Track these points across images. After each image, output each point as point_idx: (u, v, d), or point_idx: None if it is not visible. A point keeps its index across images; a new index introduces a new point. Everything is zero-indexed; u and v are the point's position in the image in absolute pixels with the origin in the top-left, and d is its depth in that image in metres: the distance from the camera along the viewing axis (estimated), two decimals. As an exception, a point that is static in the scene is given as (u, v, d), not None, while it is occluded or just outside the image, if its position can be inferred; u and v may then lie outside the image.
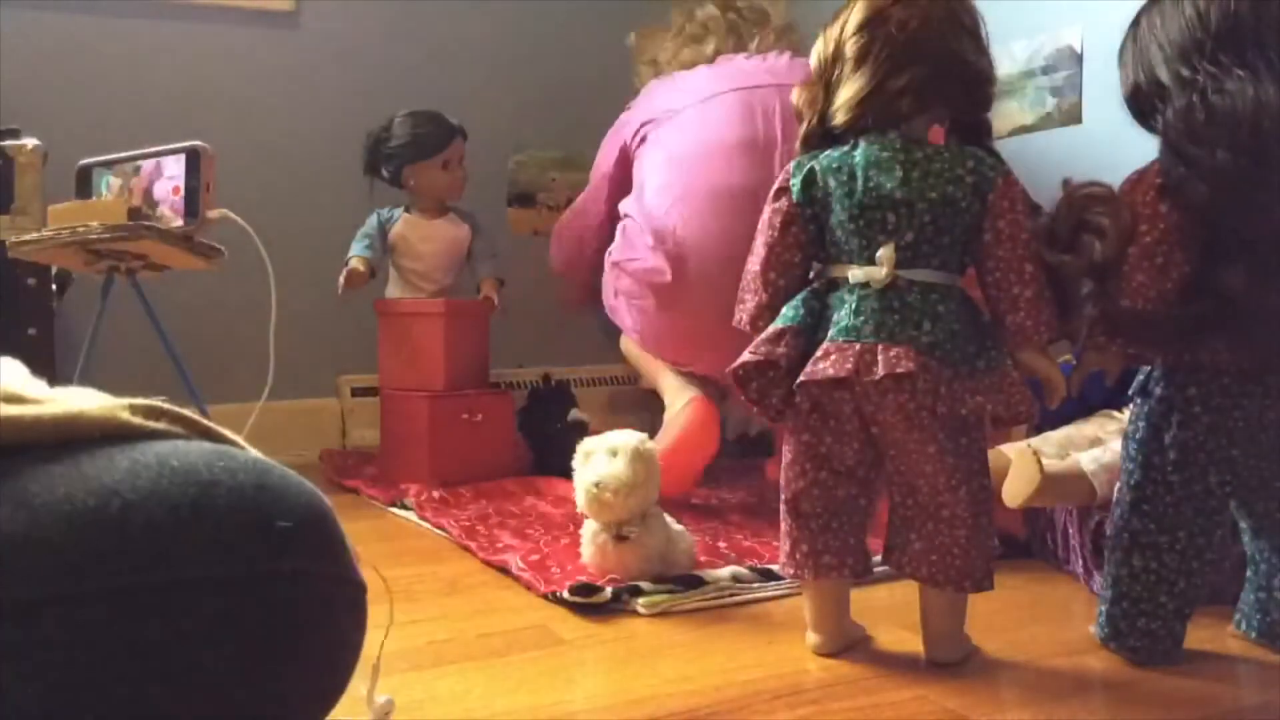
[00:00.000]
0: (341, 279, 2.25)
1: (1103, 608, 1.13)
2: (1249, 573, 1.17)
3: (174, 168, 1.69)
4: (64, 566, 0.51)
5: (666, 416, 1.91)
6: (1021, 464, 1.33)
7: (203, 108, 2.44)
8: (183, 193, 1.65)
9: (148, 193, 1.69)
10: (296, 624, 0.57)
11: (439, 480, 2.03)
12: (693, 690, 1.03)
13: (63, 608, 0.50)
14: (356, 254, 2.30)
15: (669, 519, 1.43)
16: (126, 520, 0.53)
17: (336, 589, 0.60)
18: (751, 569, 1.39)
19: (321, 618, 0.59)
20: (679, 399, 1.90)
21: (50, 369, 1.92)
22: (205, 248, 1.64)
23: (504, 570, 1.46)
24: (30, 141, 1.84)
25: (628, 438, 1.39)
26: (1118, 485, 1.15)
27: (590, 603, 1.28)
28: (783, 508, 1.14)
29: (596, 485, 1.34)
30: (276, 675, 0.56)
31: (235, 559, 0.55)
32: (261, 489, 0.58)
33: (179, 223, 1.66)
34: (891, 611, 1.23)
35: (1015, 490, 1.33)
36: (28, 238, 1.60)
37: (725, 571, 1.38)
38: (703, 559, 1.46)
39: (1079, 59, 2.03)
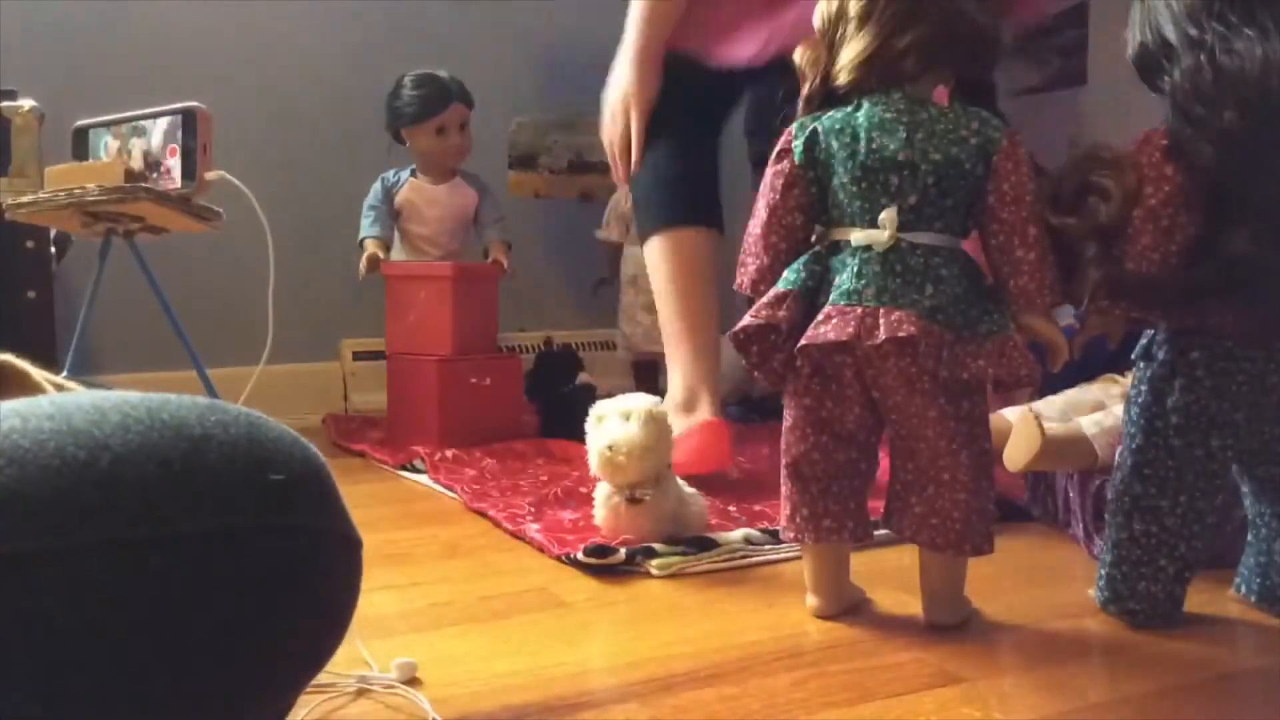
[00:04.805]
0: (362, 266, 2.24)
1: (1102, 571, 1.13)
2: (1250, 536, 1.17)
3: (171, 129, 1.67)
4: (54, 522, 0.51)
5: (677, 418, 1.68)
6: (1023, 428, 1.33)
7: (200, 68, 2.42)
8: (179, 154, 1.64)
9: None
10: (289, 579, 0.57)
11: (448, 444, 2.04)
12: (693, 652, 1.04)
13: (53, 563, 0.50)
14: (370, 236, 2.29)
15: (681, 481, 1.44)
16: (117, 475, 0.52)
17: (330, 543, 0.60)
18: (763, 531, 1.40)
19: (315, 573, 0.59)
20: (696, 413, 1.72)
21: (50, 332, 1.91)
22: (203, 210, 1.63)
23: (517, 536, 1.46)
24: (27, 103, 1.82)
25: (640, 401, 1.39)
26: (1119, 449, 1.15)
27: (604, 564, 1.29)
28: (783, 471, 1.14)
29: (610, 448, 1.34)
30: (269, 631, 0.56)
31: (227, 513, 0.54)
32: (254, 443, 0.57)
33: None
34: (891, 574, 1.24)
35: (1016, 454, 1.33)
36: (24, 199, 1.59)
37: (737, 534, 1.39)
38: (714, 521, 1.46)
39: (1085, 18, 2.01)
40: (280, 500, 0.57)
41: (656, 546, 1.33)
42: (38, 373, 0.63)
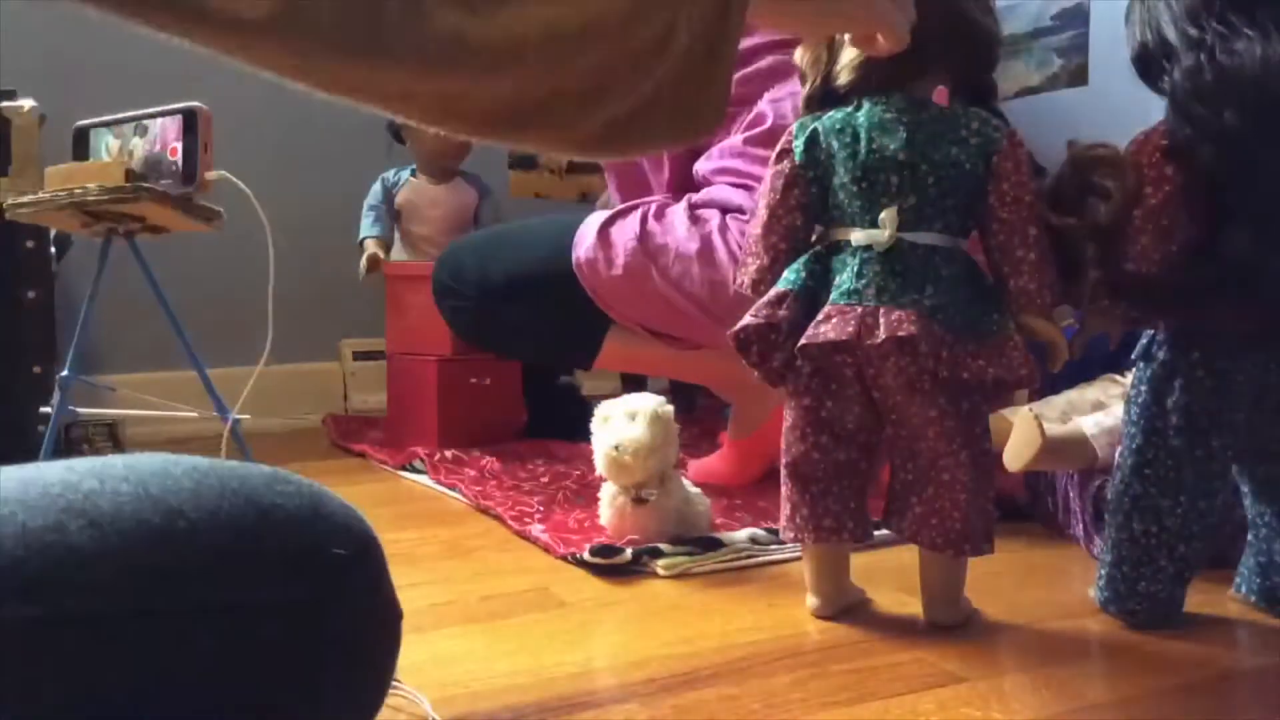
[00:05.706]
0: (362, 266, 2.24)
1: (1102, 571, 1.13)
2: (1250, 536, 1.17)
3: (171, 129, 1.67)
4: (130, 584, 0.52)
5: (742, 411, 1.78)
6: (1023, 428, 1.33)
7: (200, 67, 2.41)
8: (180, 154, 1.64)
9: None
10: (343, 651, 0.59)
11: (447, 444, 2.04)
12: (693, 652, 1.04)
13: (125, 624, 0.52)
14: (370, 236, 2.29)
15: (686, 481, 1.44)
16: (191, 542, 0.54)
17: (380, 616, 0.62)
18: (768, 530, 1.40)
19: (365, 645, 0.61)
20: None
21: (50, 332, 1.91)
22: (203, 210, 1.63)
23: (522, 535, 1.46)
24: (27, 103, 1.82)
25: (646, 401, 1.39)
26: (1119, 449, 1.15)
27: (611, 564, 1.29)
28: (783, 472, 1.14)
29: (616, 448, 1.34)
30: (319, 700, 0.58)
31: (293, 585, 0.56)
32: (317, 516, 0.60)
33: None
34: (891, 574, 1.24)
35: (1016, 454, 1.33)
36: (24, 199, 1.59)
37: (743, 533, 1.39)
38: (719, 521, 1.46)
39: (1086, 18, 2.01)
40: (340, 575, 0.59)
41: (663, 547, 1.33)
42: None
